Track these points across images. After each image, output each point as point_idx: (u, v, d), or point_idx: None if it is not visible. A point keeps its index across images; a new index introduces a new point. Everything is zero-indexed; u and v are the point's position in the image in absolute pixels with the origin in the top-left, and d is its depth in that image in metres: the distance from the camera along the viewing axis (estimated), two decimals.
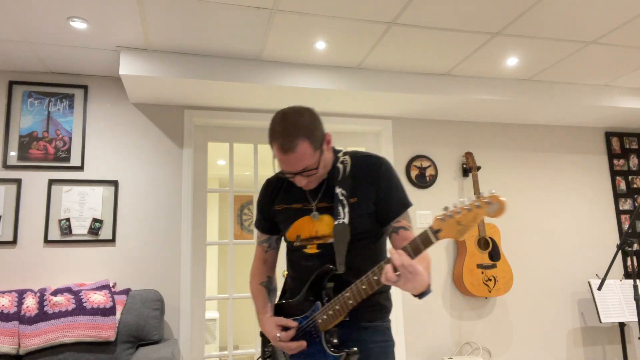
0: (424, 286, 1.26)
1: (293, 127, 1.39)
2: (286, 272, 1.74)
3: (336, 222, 1.46)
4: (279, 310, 1.60)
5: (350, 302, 1.40)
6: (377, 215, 1.52)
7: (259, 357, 1.66)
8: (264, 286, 1.67)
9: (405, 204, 1.52)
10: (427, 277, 1.28)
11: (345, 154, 1.59)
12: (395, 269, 1.24)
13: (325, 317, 1.44)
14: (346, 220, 1.46)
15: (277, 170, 1.57)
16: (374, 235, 1.54)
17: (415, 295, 1.30)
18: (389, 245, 1.58)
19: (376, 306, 1.53)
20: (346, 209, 1.47)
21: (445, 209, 1.23)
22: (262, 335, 1.65)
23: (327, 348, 1.43)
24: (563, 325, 3.81)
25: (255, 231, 1.75)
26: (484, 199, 1.16)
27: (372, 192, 1.50)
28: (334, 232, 1.47)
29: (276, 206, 1.61)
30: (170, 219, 3.22)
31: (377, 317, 1.53)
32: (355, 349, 1.42)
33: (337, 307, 1.41)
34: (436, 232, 1.24)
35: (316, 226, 1.52)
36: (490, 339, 3.64)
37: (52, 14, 2.47)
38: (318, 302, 1.47)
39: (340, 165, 1.55)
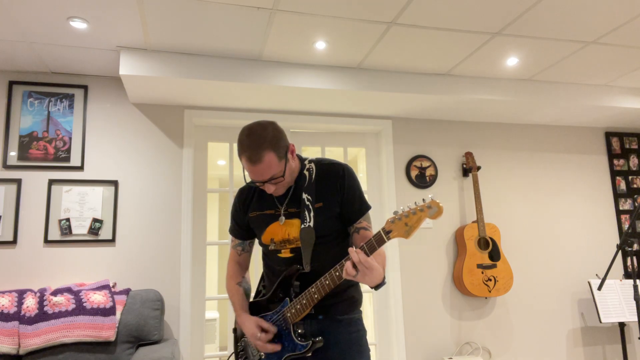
0: (379, 279, 1.44)
1: (259, 139, 1.53)
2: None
3: (302, 226, 1.62)
4: (253, 308, 1.74)
5: (316, 296, 1.56)
6: (342, 217, 1.67)
7: (232, 353, 1.82)
8: (240, 286, 1.80)
9: (365, 207, 1.69)
10: (382, 271, 1.47)
11: (310, 161, 1.73)
12: (354, 265, 1.42)
13: (293, 311, 1.61)
14: (312, 224, 1.62)
15: (248, 180, 1.71)
16: (339, 236, 1.69)
17: (372, 287, 1.48)
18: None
19: (348, 300, 1.68)
20: (312, 214, 1.63)
21: (395, 212, 1.44)
22: (234, 331, 1.80)
23: (296, 338, 1.60)
24: (563, 326, 3.81)
25: (229, 236, 1.90)
26: (426, 204, 1.40)
27: (337, 197, 1.66)
28: (300, 235, 1.62)
29: (250, 213, 1.73)
30: (170, 219, 3.22)
31: (350, 310, 1.69)
32: (320, 338, 1.59)
33: (304, 302, 1.59)
34: (388, 232, 1.44)
35: (287, 230, 1.66)
36: (490, 339, 3.64)
37: (52, 14, 2.47)
38: (287, 298, 1.63)
39: (306, 172, 1.69)
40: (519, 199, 3.94)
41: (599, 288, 2.67)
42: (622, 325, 3.58)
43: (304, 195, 1.65)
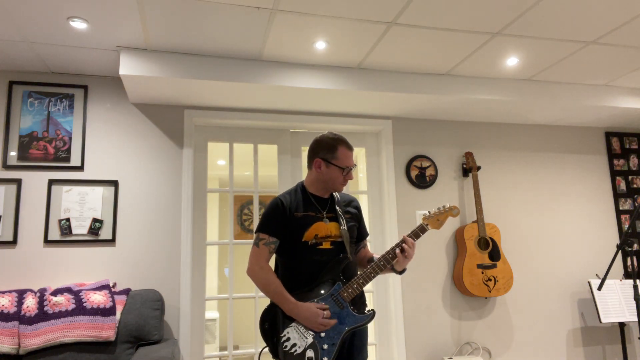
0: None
1: None
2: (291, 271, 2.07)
3: (342, 228, 2.06)
4: (298, 298, 1.93)
5: (372, 274, 1.98)
6: (357, 231, 2.17)
7: (264, 347, 2.01)
8: (279, 280, 1.99)
9: (367, 231, 2.30)
10: None
11: None
12: (402, 250, 2.00)
13: (350, 290, 1.95)
14: (346, 227, 2.07)
15: (347, 165, 2.07)
16: (355, 242, 2.18)
17: (400, 272, 2.06)
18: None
19: (364, 296, 2.10)
20: (344, 221, 2.09)
21: (424, 213, 2.00)
22: (265, 324, 1.98)
23: (355, 313, 1.94)
24: (563, 325, 3.81)
25: (259, 235, 2.04)
26: (450, 206, 2.16)
27: (357, 215, 2.19)
28: (341, 233, 2.06)
29: (296, 213, 2.03)
30: (170, 219, 3.22)
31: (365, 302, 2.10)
32: (373, 309, 2.02)
33: (361, 281, 1.97)
34: (426, 225, 2.11)
35: (329, 228, 2.05)
36: (490, 339, 3.64)
37: (52, 14, 2.47)
38: (338, 282, 1.97)
39: (335, 195, 2.18)
40: (519, 199, 3.94)
41: (599, 288, 2.67)
42: (622, 325, 3.58)
43: (337, 207, 2.11)
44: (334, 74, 3.17)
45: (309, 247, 2.00)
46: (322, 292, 1.94)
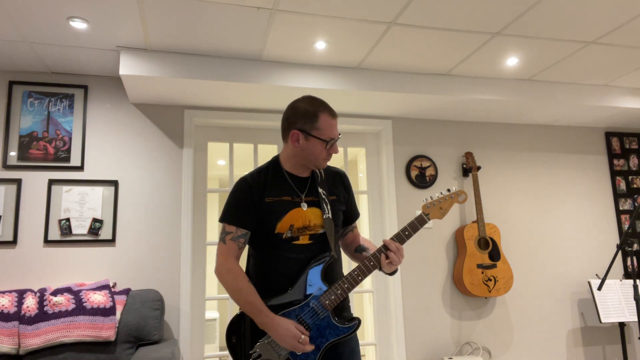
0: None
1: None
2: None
3: (325, 216, 1.70)
4: (271, 309, 1.62)
5: (360, 278, 1.66)
6: (344, 215, 1.84)
7: (248, 356, 1.64)
8: (251, 284, 1.65)
9: (358, 211, 1.95)
10: None
11: None
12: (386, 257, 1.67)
13: (333, 297, 1.63)
14: (330, 215, 1.72)
15: (331, 136, 1.69)
16: (339, 230, 1.83)
17: (390, 273, 1.72)
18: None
19: (347, 301, 1.80)
20: (328, 206, 1.72)
21: (431, 197, 1.78)
22: (231, 338, 1.67)
23: (338, 323, 1.65)
24: (563, 325, 3.81)
25: (224, 227, 1.70)
26: (455, 192, 1.80)
27: (345, 195, 1.84)
28: (324, 223, 1.69)
29: (266, 198, 1.67)
30: (170, 219, 3.22)
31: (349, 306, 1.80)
32: (358, 317, 1.68)
33: (346, 286, 1.65)
34: (427, 214, 1.76)
35: (308, 216, 1.69)
36: (490, 339, 3.64)
37: (52, 14, 2.47)
38: (320, 287, 1.64)
39: (316, 171, 1.79)
40: (519, 199, 3.94)
41: (599, 288, 2.67)
42: (622, 325, 3.58)
43: (320, 189, 1.74)
44: (334, 74, 3.17)
45: (282, 241, 1.66)
46: (300, 298, 1.63)
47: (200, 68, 2.94)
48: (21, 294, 2.69)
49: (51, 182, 3.05)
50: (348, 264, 3.61)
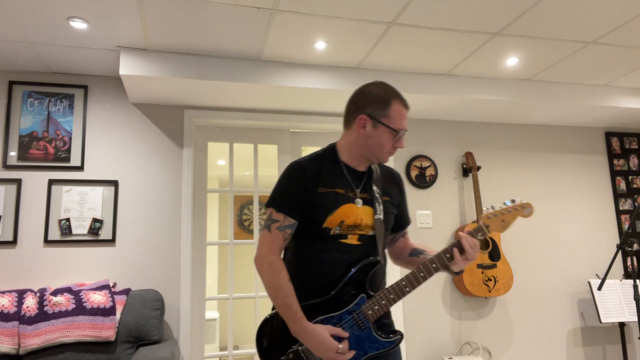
0: None
1: None
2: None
3: (376, 217, 1.54)
4: (308, 311, 1.48)
5: (407, 289, 1.49)
6: (396, 219, 1.67)
7: None
8: (291, 284, 1.49)
9: (409, 219, 1.79)
10: None
11: None
12: (460, 252, 1.49)
13: (377, 307, 1.47)
14: (382, 217, 1.56)
15: (401, 128, 1.54)
16: (391, 232, 1.69)
17: (457, 273, 1.55)
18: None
19: (389, 312, 1.61)
20: (380, 206, 1.57)
21: (492, 207, 1.58)
22: (261, 342, 1.51)
23: (380, 336, 1.49)
24: (563, 325, 3.81)
25: (271, 214, 1.53)
26: (521, 204, 1.57)
27: (399, 198, 1.69)
28: (375, 225, 1.54)
29: (320, 188, 1.52)
30: (170, 219, 3.22)
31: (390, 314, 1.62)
32: (400, 331, 1.52)
33: (392, 296, 1.48)
34: (487, 226, 1.55)
35: (360, 214, 1.53)
36: (490, 339, 3.64)
37: (52, 14, 2.47)
38: (362, 294, 1.48)
39: (373, 167, 1.65)
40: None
41: (599, 288, 2.67)
42: (622, 325, 3.58)
43: (374, 187, 1.59)
44: (334, 74, 3.17)
45: (329, 238, 1.50)
46: (340, 307, 1.47)
47: (200, 68, 2.94)
48: (21, 294, 2.69)
49: (51, 182, 3.05)
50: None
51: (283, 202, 1.51)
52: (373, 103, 1.53)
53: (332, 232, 1.50)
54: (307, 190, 1.51)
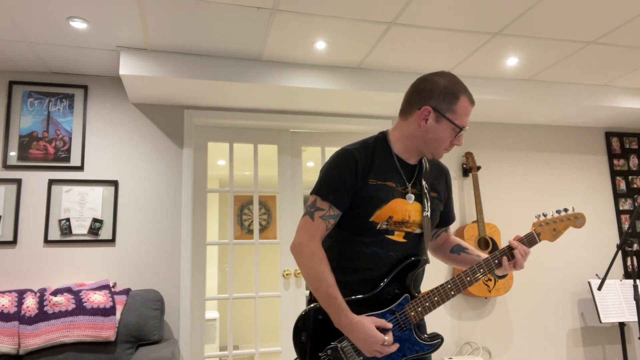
0: None
1: None
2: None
3: (424, 214, 1.47)
4: (349, 306, 1.41)
5: (452, 293, 1.44)
6: (441, 215, 1.62)
7: (318, 357, 1.41)
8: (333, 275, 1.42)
9: (454, 216, 1.72)
10: None
11: None
12: (509, 258, 1.47)
13: (420, 309, 1.42)
14: (429, 214, 1.49)
15: (462, 124, 1.44)
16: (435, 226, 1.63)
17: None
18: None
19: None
20: (428, 203, 1.50)
21: (544, 215, 1.56)
22: (299, 335, 1.44)
23: (421, 340, 1.44)
24: (563, 325, 3.81)
25: (315, 201, 1.45)
26: (573, 214, 1.55)
27: (446, 193, 1.62)
28: (423, 223, 1.47)
29: (370, 180, 1.44)
30: (170, 219, 3.22)
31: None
32: (441, 334, 1.48)
33: (436, 299, 1.43)
34: (538, 234, 1.53)
35: (410, 210, 1.46)
36: (490, 339, 3.64)
37: (52, 14, 2.47)
38: (406, 294, 1.43)
39: (423, 160, 1.56)
40: (519, 199, 3.94)
41: (599, 288, 2.67)
42: (622, 325, 3.58)
43: (423, 182, 1.51)
44: (334, 74, 3.17)
45: (375, 232, 1.43)
46: (383, 305, 1.43)
47: (200, 68, 2.94)
48: (21, 294, 2.69)
49: (51, 182, 3.05)
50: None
51: (330, 191, 1.42)
52: (440, 95, 1.42)
53: (379, 227, 1.43)
54: (357, 181, 1.43)
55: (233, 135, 3.56)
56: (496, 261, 1.47)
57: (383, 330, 1.39)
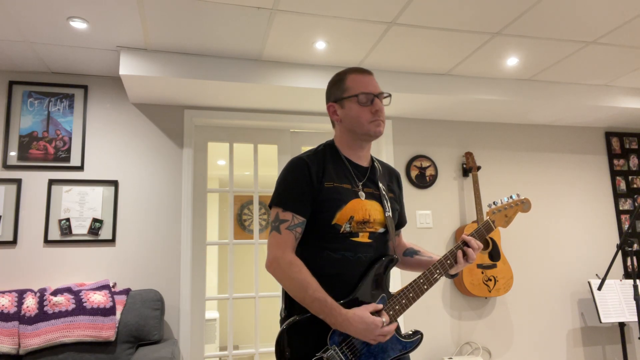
0: None
1: None
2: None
3: (387, 214, 1.52)
4: None
5: (425, 287, 1.48)
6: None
7: None
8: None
9: (406, 218, 1.77)
10: None
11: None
12: (463, 254, 1.52)
13: (398, 307, 1.44)
14: (390, 214, 1.54)
15: (369, 92, 1.50)
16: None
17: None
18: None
19: None
20: (388, 203, 1.55)
21: (495, 203, 1.65)
22: (295, 348, 1.39)
23: (403, 338, 1.46)
24: (563, 325, 3.81)
25: (278, 214, 1.45)
26: (520, 199, 1.65)
27: (400, 195, 1.67)
28: (387, 222, 1.51)
29: (326, 183, 1.46)
30: (170, 218, 3.22)
31: None
32: (420, 330, 1.51)
33: (411, 295, 1.46)
34: (493, 221, 1.62)
35: (368, 209, 1.48)
36: (490, 339, 3.64)
37: (52, 14, 2.47)
38: (383, 294, 1.44)
39: (375, 163, 1.63)
40: None
41: (599, 288, 2.67)
42: (622, 325, 3.58)
43: (380, 184, 1.56)
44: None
45: (340, 236, 1.44)
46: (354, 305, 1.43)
47: (200, 68, 2.94)
48: (21, 294, 2.69)
49: (51, 182, 3.05)
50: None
51: (289, 200, 1.44)
52: (331, 89, 1.56)
53: (343, 230, 1.44)
54: (313, 186, 1.44)
55: (233, 135, 3.56)
56: (448, 262, 1.53)
57: (376, 313, 1.41)
